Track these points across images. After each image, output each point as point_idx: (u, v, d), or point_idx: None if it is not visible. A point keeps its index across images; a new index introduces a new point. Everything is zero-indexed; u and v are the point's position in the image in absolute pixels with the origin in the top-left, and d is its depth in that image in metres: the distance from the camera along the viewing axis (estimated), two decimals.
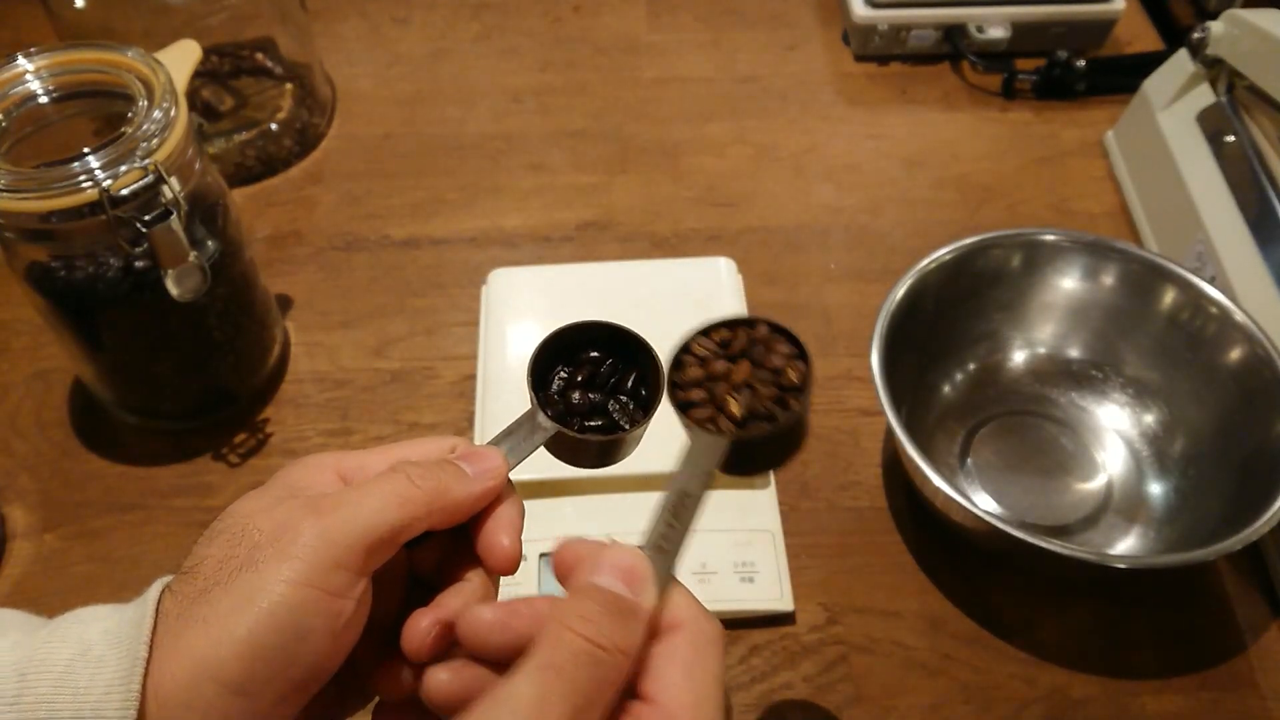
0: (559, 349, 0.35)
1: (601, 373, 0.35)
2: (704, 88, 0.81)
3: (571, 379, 0.35)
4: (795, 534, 0.54)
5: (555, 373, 0.35)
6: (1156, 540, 0.53)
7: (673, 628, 0.28)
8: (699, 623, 0.28)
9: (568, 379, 0.35)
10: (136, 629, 0.27)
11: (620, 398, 0.35)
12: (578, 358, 0.36)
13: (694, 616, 0.28)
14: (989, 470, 0.56)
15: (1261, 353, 0.51)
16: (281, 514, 0.29)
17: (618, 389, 0.35)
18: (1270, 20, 0.60)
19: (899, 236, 0.70)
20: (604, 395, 0.35)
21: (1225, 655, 0.51)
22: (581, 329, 0.35)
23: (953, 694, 0.49)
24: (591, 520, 0.53)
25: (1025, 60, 0.81)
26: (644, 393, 0.35)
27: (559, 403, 0.35)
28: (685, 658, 0.27)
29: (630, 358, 0.35)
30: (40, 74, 0.49)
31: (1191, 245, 0.62)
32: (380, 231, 0.70)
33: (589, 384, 0.35)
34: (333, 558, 0.28)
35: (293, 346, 0.64)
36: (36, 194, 0.44)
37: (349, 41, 0.85)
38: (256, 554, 0.28)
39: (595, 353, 0.36)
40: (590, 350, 0.36)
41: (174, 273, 0.47)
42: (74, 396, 0.61)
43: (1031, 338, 0.59)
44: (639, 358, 0.35)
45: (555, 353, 0.35)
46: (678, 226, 0.71)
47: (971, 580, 0.53)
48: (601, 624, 0.26)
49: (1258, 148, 0.61)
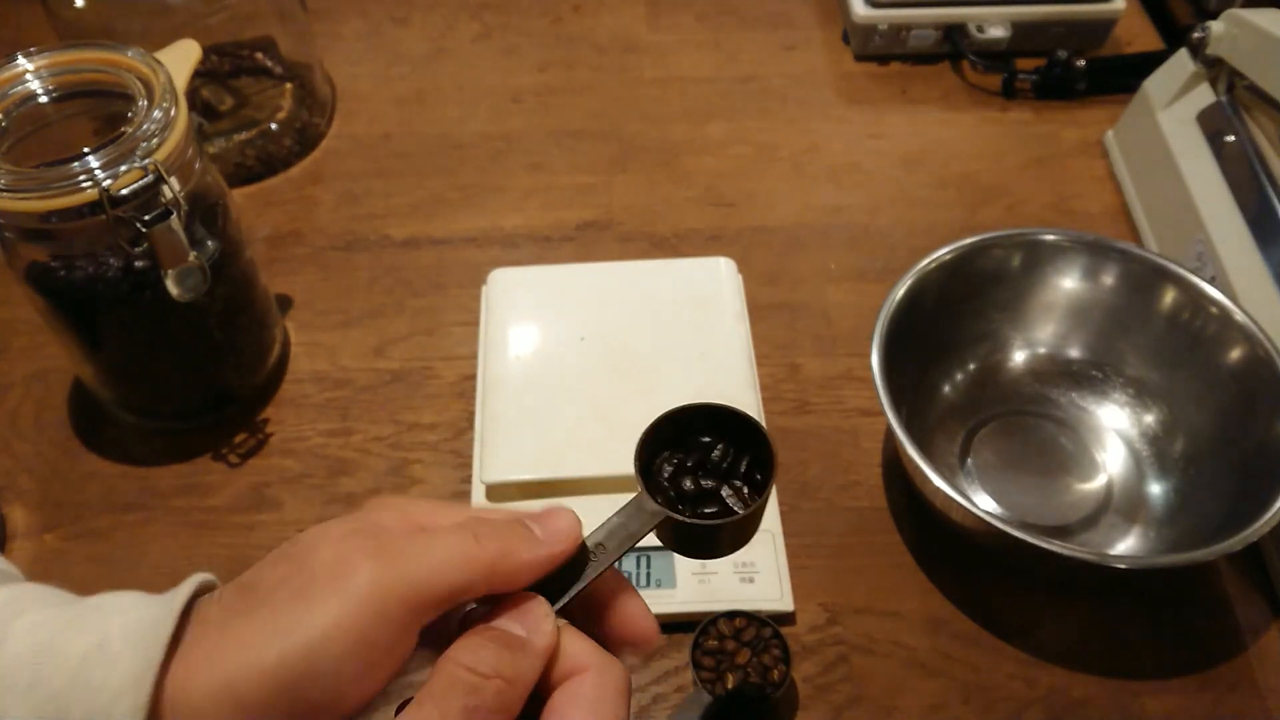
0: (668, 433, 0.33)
1: (713, 458, 0.33)
2: (704, 88, 0.81)
3: (682, 465, 0.33)
4: (795, 534, 0.54)
5: (662, 459, 0.33)
6: (1156, 540, 0.53)
7: (579, 670, 0.28)
8: (606, 668, 0.28)
9: (678, 465, 0.33)
10: (156, 630, 0.27)
11: (735, 482, 0.33)
12: (687, 442, 0.33)
13: (601, 662, 0.28)
14: (989, 470, 0.56)
15: (1261, 353, 0.51)
16: (346, 549, 0.28)
17: (730, 474, 0.33)
18: (1270, 20, 0.60)
19: (899, 236, 0.70)
20: (717, 481, 0.33)
21: (1225, 655, 0.51)
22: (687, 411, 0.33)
23: (953, 694, 0.49)
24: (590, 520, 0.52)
25: (1025, 60, 0.81)
26: (758, 476, 0.33)
27: (668, 489, 0.32)
28: (589, 698, 0.28)
29: (740, 439, 0.33)
30: (40, 74, 0.49)
31: (1191, 245, 0.62)
32: (380, 231, 0.70)
33: (699, 470, 0.33)
34: (381, 610, 0.27)
35: (293, 346, 0.64)
36: (36, 194, 0.44)
37: (349, 41, 0.85)
38: (311, 586, 0.27)
39: (706, 437, 0.33)
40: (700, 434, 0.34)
41: (174, 273, 0.47)
42: (74, 396, 0.61)
43: (1031, 338, 0.59)
44: (751, 438, 0.33)
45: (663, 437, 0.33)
46: (678, 226, 0.71)
47: (971, 580, 0.53)
48: (481, 653, 0.27)
49: (1258, 148, 0.61)
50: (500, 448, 0.53)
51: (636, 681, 0.49)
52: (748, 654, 0.47)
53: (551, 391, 0.52)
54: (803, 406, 0.60)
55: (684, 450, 0.33)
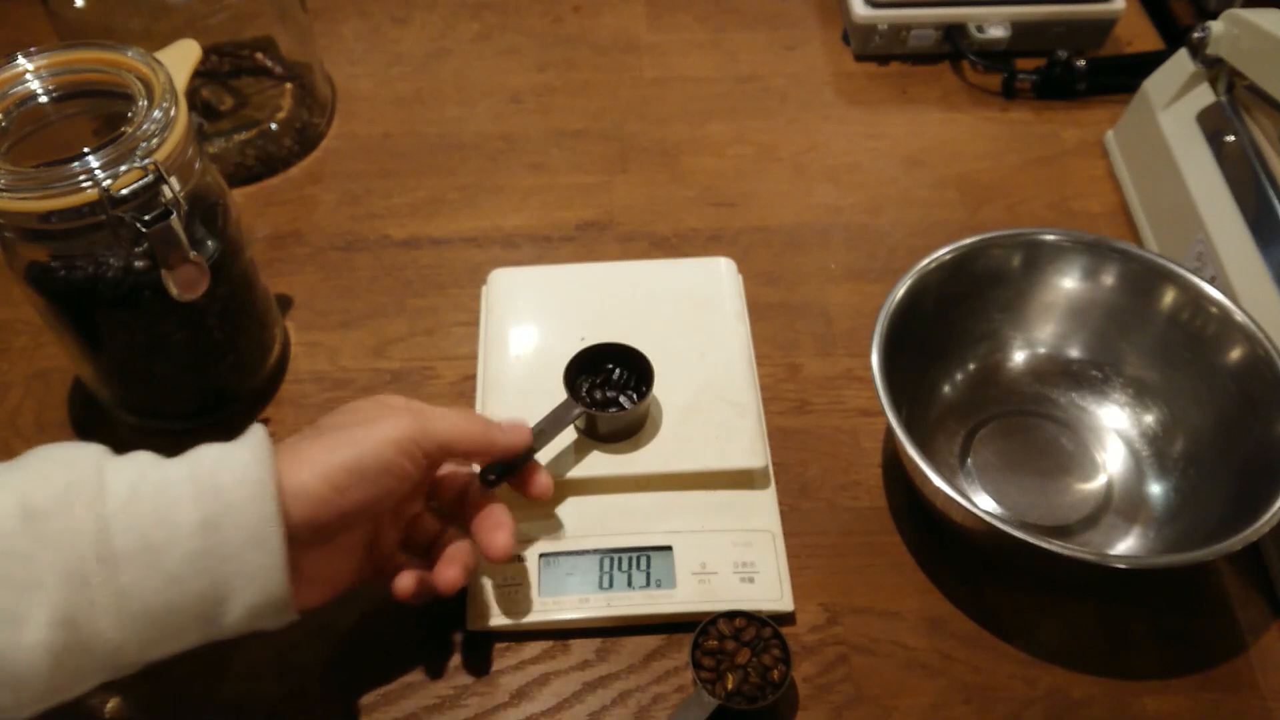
0: (583, 362, 0.54)
1: (614, 379, 0.54)
2: (704, 88, 0.81)
3: (594, 384, 0.54)
4: (795, 534, 0.54)
5: (583, 380, 0.54)
6: (1156, 540, 0.53)
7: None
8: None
9: (591, 384, 0.54)
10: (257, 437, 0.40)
11: (629, 393, 0.54)
12: (599, 369, 0.54)
13: None
14: (989, 470, 0.56)
15: (1261, 353, 0.51)
16: (390, 407, 0.44)
17: (626, 388, 0.54)
18: (1270, 20, 0.60)
19: (899, 236, 0.70)
20: (618, 392, 0.54)
21: (1225, 655, 0.51)
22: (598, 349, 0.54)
23: (953, 694, 0.49)
24: (590, 520, 0.53)
25: (1025, 60, 0.81)
26: (645, 389, 0.53)
27: (586, 399, 0.53)
28: None
29: (632, 364, 0.54)
30: (40, 74, 0.49)
31: (1191, 245, 0.62)
32: (380, 231, 0.70)
33: (606, 386, 0.54)
34: (416, 437, 0.43)
35: (293, 346, 0.64)
36: (36, 194, 0.44)
37: (349, 41, 0.85)
38: (367, 422, 0.43)
39: (611, 365, 0.54)
40: (606, 362, 0.54)
41: (174, 273, 0.47)
42: (74, 396, 0.61)
43: (1031, 338, 0.59)
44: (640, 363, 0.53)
45: (581, 365, 0.53)
46: (678, 226, 0.71)
47: (971, 580, 0.53)
48: None
49: (1258, 148, 0.61)
50: None
51: (636, 682, 0.49)
52: (748, 654, 0.47)
53: (551, 392, 0.52)
54: (803, 406, 0.60)
55: (597, 375, 0.54)
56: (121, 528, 0.36)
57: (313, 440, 0.42)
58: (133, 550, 0.36)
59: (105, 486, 0.37)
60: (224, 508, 0.38)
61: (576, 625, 0.50)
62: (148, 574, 0.36)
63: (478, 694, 0.49)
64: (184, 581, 0.37)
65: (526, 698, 0.49)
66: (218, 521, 0.37)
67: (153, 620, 0.37)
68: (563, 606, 0.50)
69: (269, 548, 0.38)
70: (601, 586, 0.51)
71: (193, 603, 0.37)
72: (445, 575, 0.45)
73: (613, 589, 0.51)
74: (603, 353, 0.54)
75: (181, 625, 0.38)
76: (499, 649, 0.50)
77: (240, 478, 0.38)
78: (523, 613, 0.50)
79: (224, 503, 0.38)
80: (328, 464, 0.40)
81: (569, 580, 0.51)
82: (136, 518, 0.37)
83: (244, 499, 0.38)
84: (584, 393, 0.53)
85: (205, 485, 0.38)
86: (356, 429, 0.42)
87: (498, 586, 0.51)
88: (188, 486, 0.38)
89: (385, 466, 0.41)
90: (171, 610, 0.37)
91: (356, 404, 0.45)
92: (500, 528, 0.46)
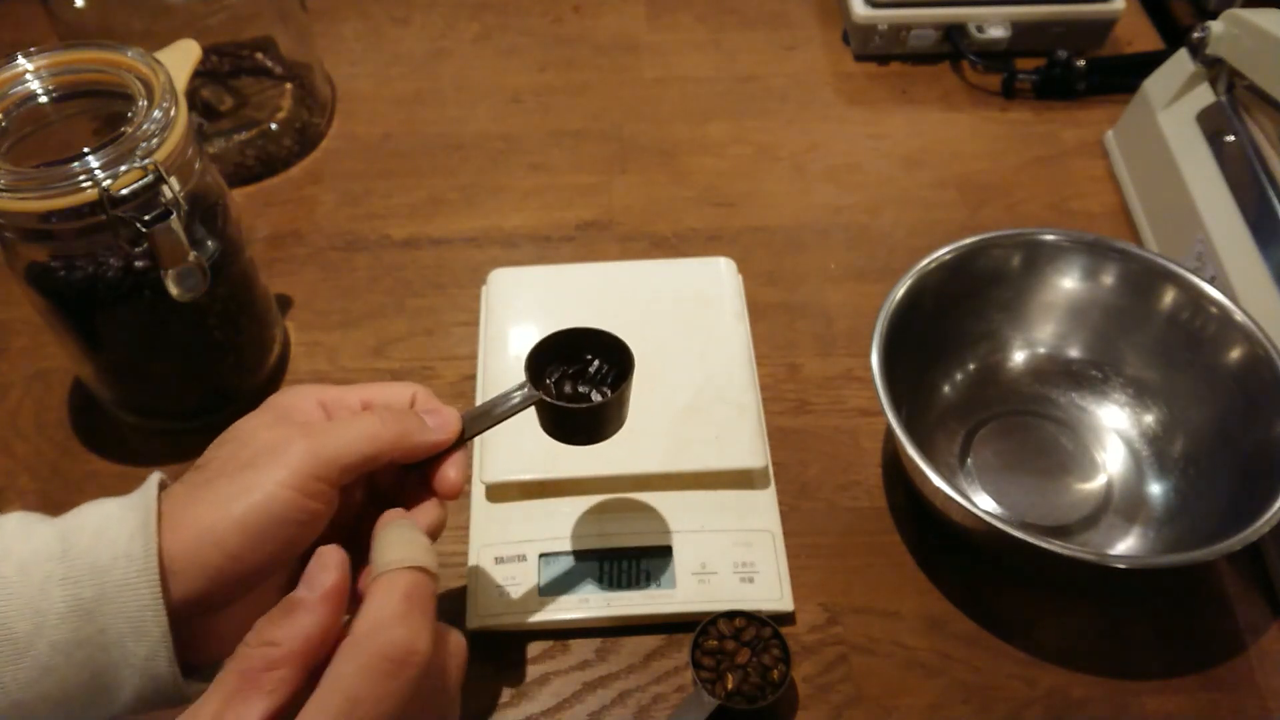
0: (558, 347, 0.44)
1: (589, 372, 0.45)
2: (704, 88, 0.81)
3: (565, 375, 0.44)
4: (795, 534, 0.54)
5: (553, 369, 0.44)
6: (1156, 540, 0.53)
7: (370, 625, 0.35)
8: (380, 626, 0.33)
9: (562, 374, 0.44)
10: (145, 499, 0.35)
11: (604, 388, 0.44)
12: (575, 357, 0.44)
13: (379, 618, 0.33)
14: (989, 470, 0.56)
15: (1261, 353, 0.51)
16: (279, 432, 0.37)
17: (602, 382, 0.44)
18: (1270, 20, 0.60)
19: (899, 236, 0.70)
20: (591, 387, 0.44)
21: (1225, 655, 0.51)
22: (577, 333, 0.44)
23: (953, 694, 0.49)
24: (590, 520, 0.53)
25: (1025, 60, 0.81)
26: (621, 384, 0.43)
27: (553, 392, 0.43)
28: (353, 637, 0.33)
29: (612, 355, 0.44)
30: (40, 74, 0.49)
31: (1191, 245, 0.62)
32: (380, 231, 0.70)
33: (578, 378, 0.45)
34: (313, 471, 0.36)
35: (293, 346, 0.64)
36: (36, 194, 0.44)
37: (349, 41, 0.85)
38: (256, 458, 0.36)
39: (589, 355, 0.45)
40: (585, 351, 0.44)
41: (174, 273, 0.47)
42: (74, 396, 0.61)
43: (1031, 338, 0.59)
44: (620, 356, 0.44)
45: (554, 350, 0.44)
46: (678, 226, 0.71)
47: (971, 580, 0.53)
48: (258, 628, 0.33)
49: (1258, 148, 0.61)
50: (500, 447, 0.53)
51: (636, 682, 0.49)
52: (748, 654, 0.47)
53: None
54: (803, 406, 0.60)
55: (571, 364, 0.44)
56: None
57: (198, 491, 0.36)
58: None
59: None
60: (99, 591, 0.33)
61: (576, 625, 0.50)
62: (12, 667, 0.32)
63: (478, 694, 0.49)
64: (58, 672, 0.33)
65: (526, 698, 0.49)
66: (92, 609, 0.33)
67: (26, 714, 0.33)
68: (563, 606, 0.50)
69: (151, 638, 0.34)
70: (601, 586, 0.51)
71: (73, 693, 0.33)
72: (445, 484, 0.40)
73: (613, 589, 0.51)
74: (580, 340, 0.45)
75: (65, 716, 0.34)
76: (499, 649, 0.50)
77: (120, 554, 0.34)
78: (523, 613, 0.50)
79: (99, 585, 0.33)
80: (216, 526, 0.35)
81: (569, 580, 0.51)
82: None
83: (122, 581, 0.33)
84: (550, 382, 0.44)
85: (79, 565, 0.33)
86: (245, 474, 0.36)
87: (498, 586, 0.51)
88: (58, 566, 0.33)
89: (283, 517, 0.35)
90: (49, 703, 0.33)
91: (248, 425, 0.38)
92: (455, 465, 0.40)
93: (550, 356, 0.44)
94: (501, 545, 0.52)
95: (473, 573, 0.51)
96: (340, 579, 0.33)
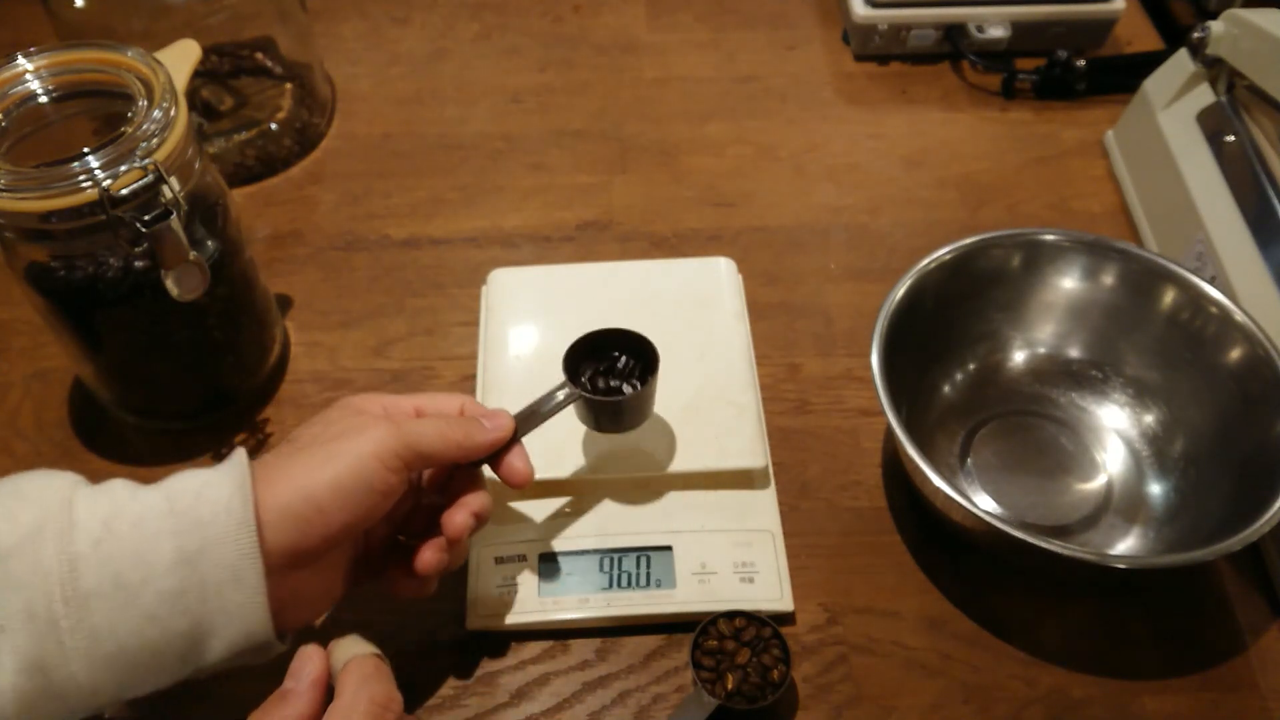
0: (588, 347, 0.50)
1: (618, 367, 0.51)
2: (704, 88, 0.81)
3: (597, 372, 0.50)
4: (795, 534, 0.54)
5: (585, 367, 0.50)
6: (1156, 540, 0.53)
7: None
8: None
9: (595, 371, 0.50)
10: (238, 463, 0.39)
11: (633, 381, 0.50)
12: (604, 355, 0.51)
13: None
14: (989, 470, 0.56)
15: (1261, 353, 0.51)
16: (363, 419, 0.42)
17: (630, 376, 0.51)
18: (1270, 20, 0.60)
19: (899, 236, 0.70)
20: (621, 381, 0.50)
21: (1225, 655, 0.51)
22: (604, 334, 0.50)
23: (953, 694, 0.49)
24: (590, 520, 0.53)
25: (1025, 60, 0.81)
26: (649, 375, 0.49)
27: (588, 386, 0.49)
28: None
29: (637, 351, 0.50)
30: (40, 74, 0.49)
31: (1191, 245, 0.62)
32: (380, 231, 0.70)
33: (609, 374, 0.51)
34: (395, 449, 0.41)
35: (293, 346, 0.64)
36: (36, 194, 0.44)
37: (349, 41, 0.85)
38: (345, 434, 0.41)
39: (616, 352, 0.51)
40: (612, 349, 0.51)
41: (174, 273, 0.47)
42: (74, 396, 0.61)
43: (1031, 338, 0.59)
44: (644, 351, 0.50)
45: (584, 350, 0.50)
46: (678, 226, 0.71)
47: (971, 580, 0.53)
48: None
49: (1258, 148, 0.61)
50: None
51: (636, 682, 0.49)
52: (748, 654, 0.47)
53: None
54: (803, 406, 0.60)
55: (601, 362, 0.51)
56: (92, 566, 0.35)
57: (290, 458, 0.40)
58: (105, 590, 0.35)
59: (76, 524, 0.36)
60: (202, 543, 0.36)
61: (576, 625, 0.50)
62: (122, 614, 0.35)
63: (478, 694, 0.49)
64: (161, 621, 0.36)
65: (526, 698, 0.49)
66: (195, 559, 0.36)
67: (129, 661, 0.36)
68: (563, 606, 0.50)
69: (249, 585, 0.37)
70: (601, 586, 0.51)
71: (172, 642, 0.36)
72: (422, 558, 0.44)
73: (613, 589, 0.51)
74: (608, 340, 0.50)
75: (160, 665, 0.37)
76: (499, 649, 0.50)
77: (220, 509, 0.37)
78: (523, 613, 0.50)
79: (202, 538, 0.36)
80: (309, 484, 0.39)
81: (569, 580, 0.51)
82: (109, 556, 0.35)
83: (222, 534, 0.37)
84: (585, 379, 0.49)
85: (184, 520, 0.37)
86: (335, 443, 0.40)
87: (498, 586, 0.51)
88: (166, 521, 0.36)
89: (369, 483, 0.40)
90: (149, 650, 0.36)
91: (330, 414, 0.43)
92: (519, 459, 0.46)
93: (582, 356, 0.50)
94: (501, 545, 0.52)
95: (473, 573, 0.51)
96: (322, 670, 0.40)
